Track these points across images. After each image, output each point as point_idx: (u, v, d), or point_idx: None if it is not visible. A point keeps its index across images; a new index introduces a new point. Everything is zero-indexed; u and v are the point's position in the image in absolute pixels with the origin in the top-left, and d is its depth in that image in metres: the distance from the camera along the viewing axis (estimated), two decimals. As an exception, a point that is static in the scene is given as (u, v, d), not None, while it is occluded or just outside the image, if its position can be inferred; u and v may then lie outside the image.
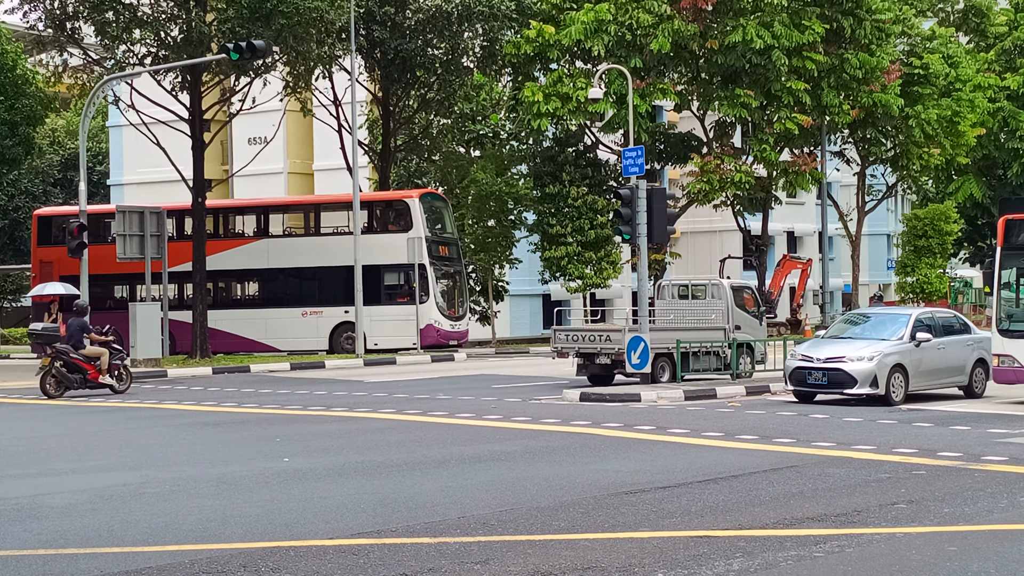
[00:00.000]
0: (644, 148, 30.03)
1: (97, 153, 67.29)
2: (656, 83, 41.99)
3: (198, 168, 36.63)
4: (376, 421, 19.45)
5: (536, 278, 49.96)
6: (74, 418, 21.18)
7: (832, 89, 43.20)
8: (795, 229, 70.09)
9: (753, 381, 25.38)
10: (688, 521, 10.68)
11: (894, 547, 9.75)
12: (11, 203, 63.02)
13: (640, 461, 14.50)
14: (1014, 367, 21.53)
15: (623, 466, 14.04)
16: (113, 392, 25.43)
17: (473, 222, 45.79)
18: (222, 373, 32.14)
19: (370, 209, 39.88)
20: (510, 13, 41.38)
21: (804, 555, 9.41)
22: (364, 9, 39.71)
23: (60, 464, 14.94)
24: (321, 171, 61.15)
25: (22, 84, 42.82)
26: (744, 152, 45.11)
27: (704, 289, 28.28)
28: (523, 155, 47.87)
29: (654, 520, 10.72)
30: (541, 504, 11.48)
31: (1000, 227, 22.12)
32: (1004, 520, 10.86)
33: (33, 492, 12.68)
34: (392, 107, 44.60)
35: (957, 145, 49.36)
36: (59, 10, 35.82)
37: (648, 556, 9.36)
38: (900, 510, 11.24)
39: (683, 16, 41.20)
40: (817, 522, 10.62)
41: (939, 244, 52.45)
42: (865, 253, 63.04)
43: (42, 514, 11.33)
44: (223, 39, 33.88)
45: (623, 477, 13.13)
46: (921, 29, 50.43)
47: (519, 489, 12.37)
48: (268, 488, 12.65)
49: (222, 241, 40.18)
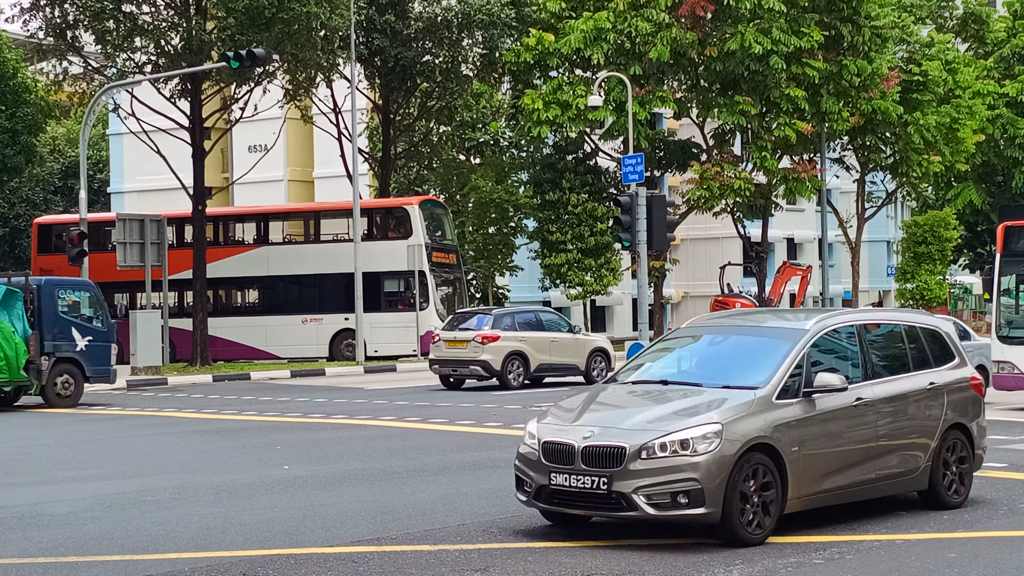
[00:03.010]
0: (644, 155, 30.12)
1: (97, 161, 67.31)
2: (655, 91, 42.02)
3: (198, 176, 36.66)
4: (376, 428, 19.44)
5: (536, 285, 49.97)
6: (74, 426, 21.18)
7: (831, 96, 43.22)
8: (795, 236, 70.12)
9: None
10: (688, 528, 10.68)
11: (894, 554, 9.76)
12: (11, 211, 63.05)
13: (640, 468, 14.48)
14: (1014, 374, 21.51)
15: (623, 473, 14.01)
16: None
17: (473, 229, 45.83)
18: (222, 381, 32.14)
19: (370, 216, 39.91)
20: (510, 21, 41.44)
21: (804, 562, 9.41)
22: (364, 17, 39.76)
23: (60, 472, 14.94)
24: (321, 179, 61.17)
25: (23, 92, 42.84)
26: (743, 159, 45.13)
27: None
28: (523, 162, 47.91)
29: (653, 527, 10.72)
30: (541, 511, 11.48)
31: (999, 234, 22.11)
32: (1004, 527, 10.87)
33: (33, 500, 12.69)
34: (392, 115, 44.64)
35: (956, 152, 49.38)
36: (60, 19, 35.85)
37: (648, 563, 9.37)
38: (900, 517, 11.24)
39: (682, 24, 41.23)
40: (817, 529, 10.62)
41: (939, 251, 52.48)
42: (865, 260, 63.05)
43: (42, 522, 11.33)
44: (223, 47, 33.93)
45: (623, 484, 13.11)
46: (920, 36, 50.48)
47: (519, 496, 12.38)
48: (268, 496, 12.65)
49: (222, 249, 40.20)
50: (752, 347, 11.03)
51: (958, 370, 12.02)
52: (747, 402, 10.06)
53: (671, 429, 9.77)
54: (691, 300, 65.97)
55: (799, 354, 10.53)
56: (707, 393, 10.34)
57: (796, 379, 10.41)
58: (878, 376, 11.21)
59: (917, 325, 12.11)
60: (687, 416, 9.93)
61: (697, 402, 10.17)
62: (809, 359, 10.59)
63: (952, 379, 11.86)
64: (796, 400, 10.32)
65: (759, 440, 9.90)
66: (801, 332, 10.83)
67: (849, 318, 11.47)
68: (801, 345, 10.61)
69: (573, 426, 10.20)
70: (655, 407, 10.32)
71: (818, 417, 10.42)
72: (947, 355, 12.07)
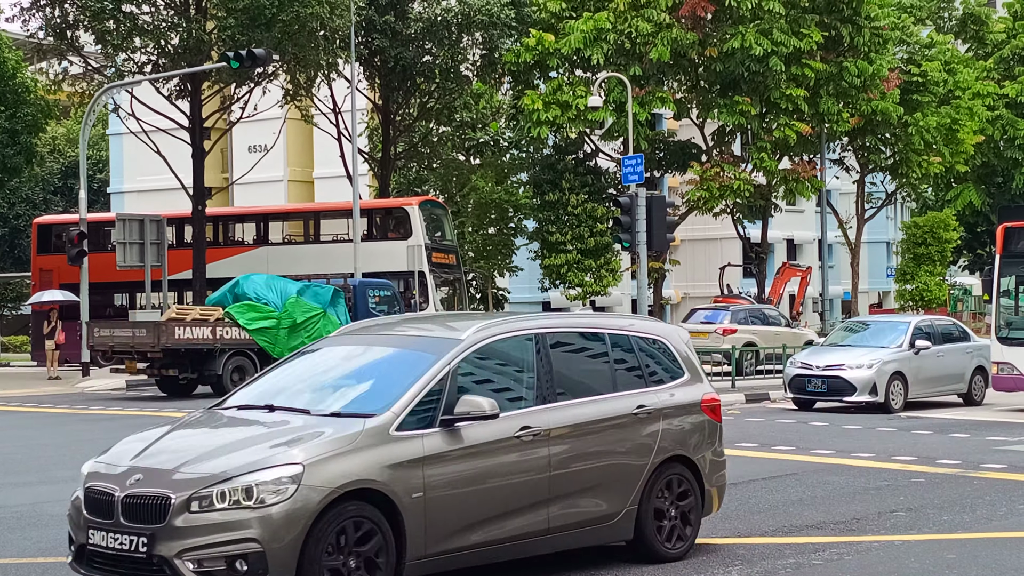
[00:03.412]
0: (643, 156, 30.14)
1: (97, 161, 67.32)
2: (655, 91, 42.02)
3: (198, 176, 36.66)
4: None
5: (536, 286, 49.96)
6: (74, 426, 21.18)
7: (831, 97, 43.21)
8: (795, 237, 70.15)
9: (752, 388, 25.39)
10: (687, 529, 10.66)
11: (893, 555, 9.76)
12: (11, 211, 63.07)
13: (639, 469, 14.48)
14: (1013, 375, 21.53)
15: (622, 474, 14.01)
16: None
17: (473, 230, 45.80)
18: (222, 381, 32.09)
19: (370, 217, 39.91)
20: (509, 22, 41.42)
21: (803, 563, 9.42)
22: (364, 17, 39.76)
23: (59, 472, 14.94)
24: (321, 179, 61.19)
25: (22, 92, 42.85)
26: (743, 160, 45.14)
27: None
28: (523, 163, 47.89)
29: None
30: (540, 512, 11.45)
31: (999, 235, 22.13)
32: (1003, 528, 10.87)
33: (33, 500, 12.69)
34: (392, 115, 44.63)
35: (956, 153, 49.40)
36: (60, 18, 35.85)
37: (646, 564, 9.36)
38: (899, 518, 11.25)
39: (682, 24, 41.23)
40: (816, 530, 10.63)
41: (938, 252, 52.50)
42: (865, 261, 63.02)
43: (41, 522, 11.33)
44: (223, 47, 33.93)
45: (622, 485, 13.10)
46: (920, 37, 50.50)
47: (518, 497, 12.35)
48: (267, 496, 12.63)
49: (222, 249, 40.18)
50: (387, 362, 8.74)
51: (685, 389, 9.77)
52: (351, 435, 7.78)
53: (237, 472, 7.49)
54: (691, 301, 65.96)
55: (440, 371, 8.28)
56: (307, 422, 8.07)
57: (433, 404, 8.17)
58: (561, 399, 8.87)
59: (631, 333, 9.75)
60: (265, 453, 7.63)
61: (287, 435, 7.85)
62: (456, 378, 8.33)
63: (674, 401, 9.60)
64: (431, 431, 8.07)
65: (360, 485, 7.64)
66: (452, 343, 8.57)
67: (527, 325, 9.09)
68: (447, 360, 8.36)
69: (129, 465, 7.87)
70: (234, 441, 7.96)
71: (460, 452, 8.14)
72: (671, 371, 9.81)
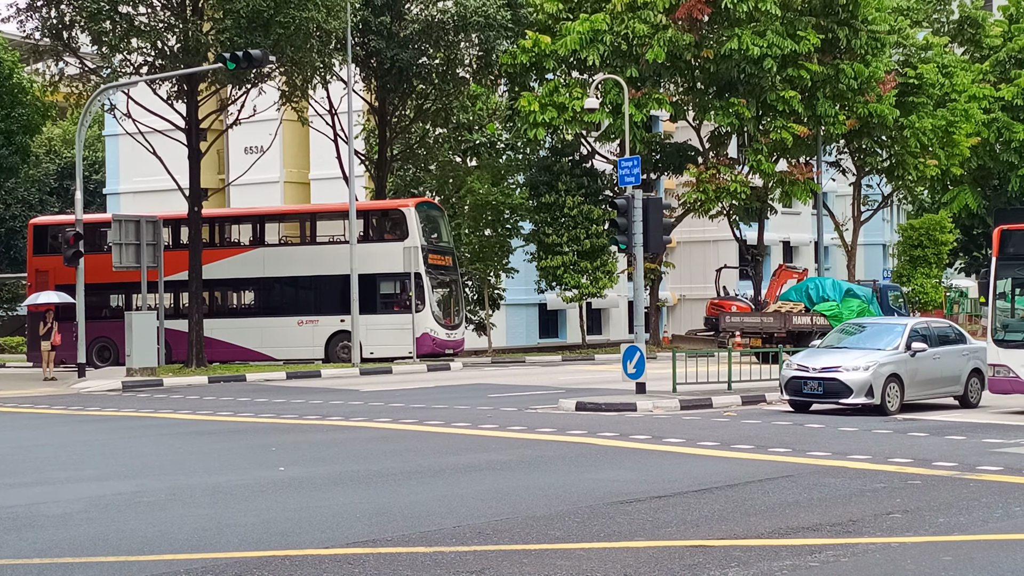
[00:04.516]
0: (640, 158, 30.10)
1: (93, 162, 67.26)
2: (652, 93, 42.05)
3: (194, 177, 36.64)
4: (372, 430, 19.44)
5: (532, 287, 49.96)
6: (70, 427, 21.17)
7: (827, 99, 43.27)
8: (791, 239, 70.11)
9: (748, 391, 25.40)
10: (684, 531, 10.69)
11: (889, 557, 9.76)
12: (7, 212, 62.99)
13: (635, 471, 14.51)
14: (1009, 377, 21.53)
15: (619, 475, 14.04)
16: None
17: (469, 231, 45.81)
18: (218, 382, 32.11)
19: (366, 218, 39.91)
20: (506, 23, 41.44)
21: (799, 564, 9.42)
22: (360, 19, 39.75)
23: (56, 473, 14.93)
24: (317, 180, 61.12)
25: (18, 93, 42.82)
26: (740, 162, 45.17)
27: None
28: (519, 165, 47.92)
29: (650, 529, 10.73)
30: (537, 513, 11.48)
31: (995, 237, 22.14)
32: (999, 530, 10.87)
33: (29, 501, 12.68)
34: (388, 116, 44.63)
35: (952, 155, 49.45)
36: (56, 19, 35.81)
37: (644, 565, 9.37)
38: (895, 520, 11.25)
39: (679, 26, 41.26)
40: (812, 532, 10.63)
41: (934, 254, 52.55)
42: (861, 263, 63.07)
43: (38, 523, 11.32)
44: (220, 48, 33.91)
45: (619, 487, 13.13)
46: (916, 39, 50.55)
47: (515, 498, 12.38)
48: (264, 497, 12.65)
49: (218, 250, 40.17)
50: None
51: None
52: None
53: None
54: (687, 303, 65.97)
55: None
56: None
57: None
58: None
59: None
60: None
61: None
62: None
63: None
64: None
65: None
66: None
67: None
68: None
69: None
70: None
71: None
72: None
